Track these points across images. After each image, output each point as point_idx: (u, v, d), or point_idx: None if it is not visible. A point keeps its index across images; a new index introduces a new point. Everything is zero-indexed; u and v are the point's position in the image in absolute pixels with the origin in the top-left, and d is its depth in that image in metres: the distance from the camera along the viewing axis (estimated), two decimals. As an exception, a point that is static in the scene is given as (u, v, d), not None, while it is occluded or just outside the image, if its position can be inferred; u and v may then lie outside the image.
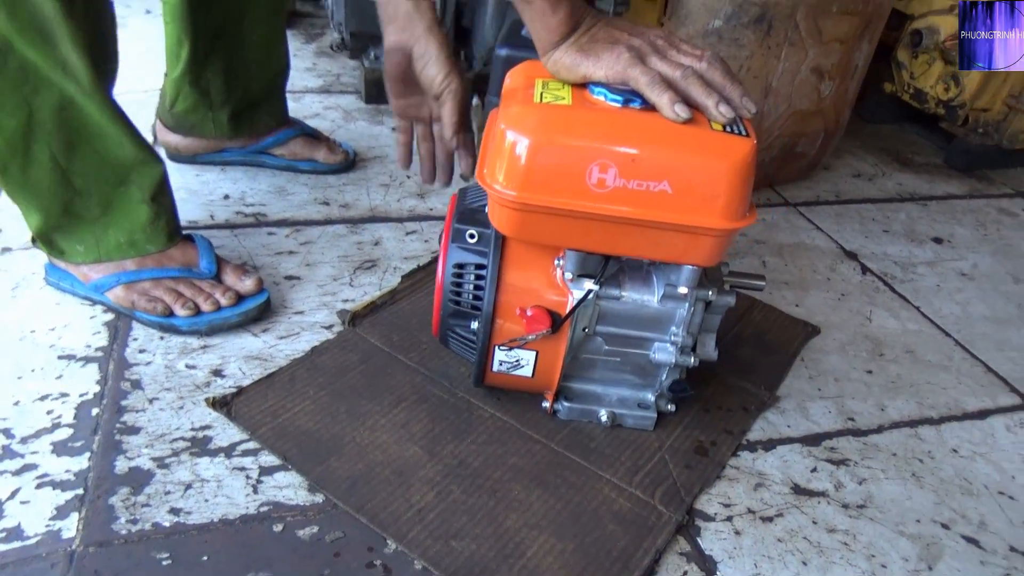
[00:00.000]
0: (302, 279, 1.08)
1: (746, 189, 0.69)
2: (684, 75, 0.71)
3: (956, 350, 1.13)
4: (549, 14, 0.73)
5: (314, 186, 1.31)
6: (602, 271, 0.79)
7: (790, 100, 1.35)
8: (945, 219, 1.51)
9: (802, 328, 1.11)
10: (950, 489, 0.89)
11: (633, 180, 0.68)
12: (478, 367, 0.84)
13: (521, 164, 0.68)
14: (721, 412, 0.94)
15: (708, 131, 0.69)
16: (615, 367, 0.88)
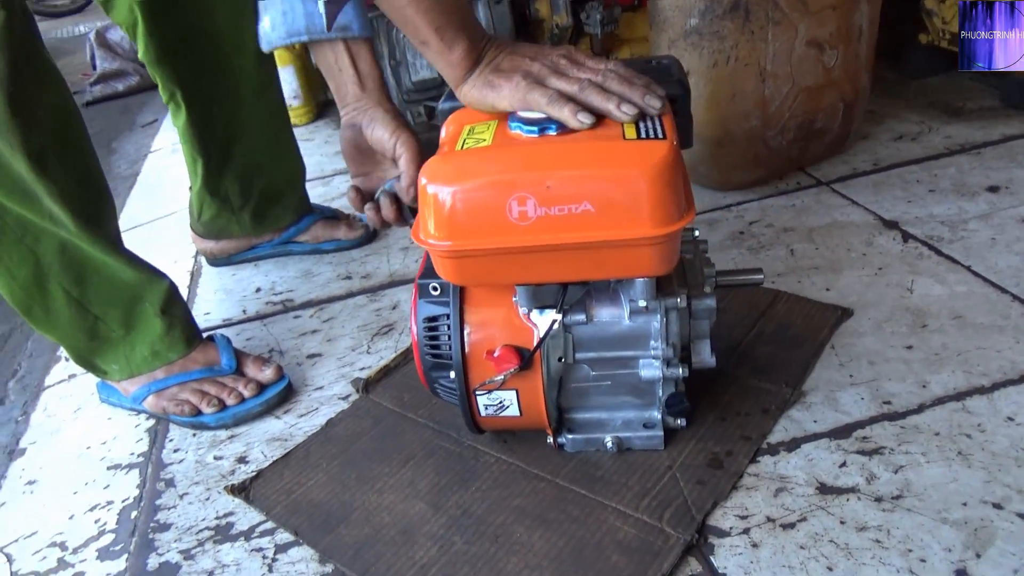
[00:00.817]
0: (323, 355, 1.13)
1: (671, 191, 0.67)
2: (582, 87, 0.71)
3: (1014, 305, 1.02)
4: (447, 53, 0.75)
5: (338, 263, 1.37)
6: (561, 299, 0.78)
7: (792, 79, 1.29)
8: (1003, 164, 1.37)
9: (832, 313, 1.04)
10: (1004, 463, 0.79)
11: (554, 207, 0.67)
12: (466, 415, 0.84)
13: (444, 213, 0.69)
14: (739, 418, 0.89)
15: (620, 143, 0.68)
16: (611, 391, 0.86)
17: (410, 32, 0.77)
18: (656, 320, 0.79)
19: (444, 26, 0.75)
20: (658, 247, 0.69)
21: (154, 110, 2.78)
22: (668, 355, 0.80)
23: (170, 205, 1.78)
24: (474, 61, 0.76)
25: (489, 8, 1.50)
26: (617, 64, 0.75)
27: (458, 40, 0.75)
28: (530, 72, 0.73)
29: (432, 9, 0.74)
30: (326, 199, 1.64)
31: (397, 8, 0.75)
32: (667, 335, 0.80)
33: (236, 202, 1.32)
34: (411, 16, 0.75)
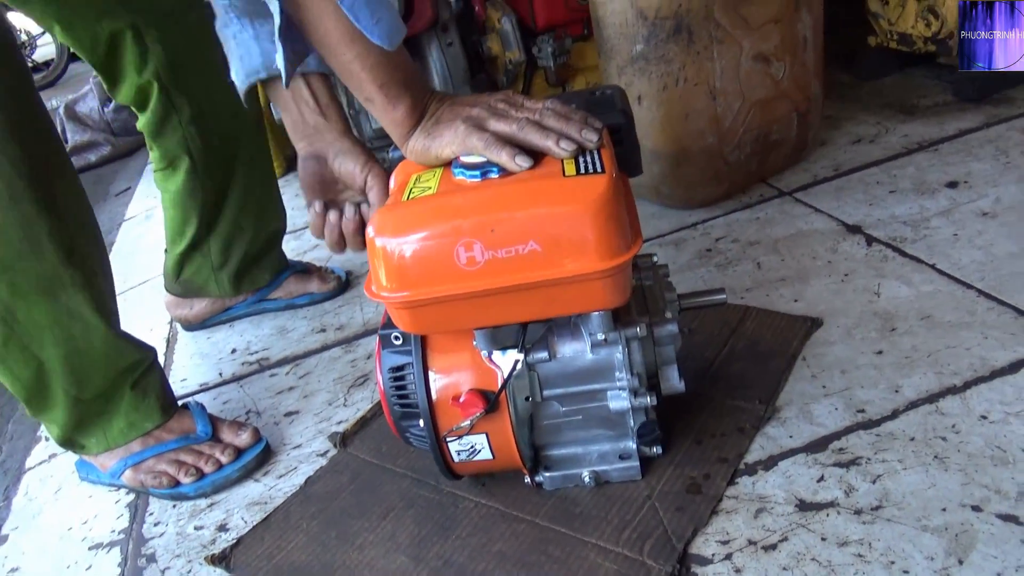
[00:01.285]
0: (300, 412, 1.12)
1: (615, 223, 0.67)
2: (520, 127, 0.72)
3: (980, 301, 1.02)
4: (391, 110, 0.77)
5: (312, 316, 1.37)
6: (522, 338, 0.78)
7: (742, 94, 1.31)
8: (960, 159, 1.39)
9: (801, 325, 1.04)
10: (980, 463, 0.79)
11: (500, 249, 0.67)
12: (439, 462, 0.84)
13: (394, 265, 0.69)
14: (715, 439, 0.89)
15: (560, 180, 0.69)
16: (583, 425, 0.85)
17: (355, 88, 0.78)
18: (618, 351, 0.79)
19: (388, 83, 0.76)
20: (608, 280, 0.69)
21: (127, 177, 2.79)
22: (634, 385, 0.80)
23: (145, 273, 1.78)
24: (417, 118, 0.78)
25: (442, 51, 1.52)
26: (554, 102, 0.76)
27: (402, 98, 0.76)
28: (470, 117, 0.74)
29: (376, 66, 0.75)
30: (298, 253, 1.64)
31: (343, 64, 0.76)
32: (631, 365, 0.80)
33: (218, 260, 1.32)
34: (356, 72, 0.76)
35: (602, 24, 1.30)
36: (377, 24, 0.72)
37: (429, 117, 0.78)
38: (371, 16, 0.72)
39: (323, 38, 0.74)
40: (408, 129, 0.77)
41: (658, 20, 1.22)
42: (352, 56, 0.74)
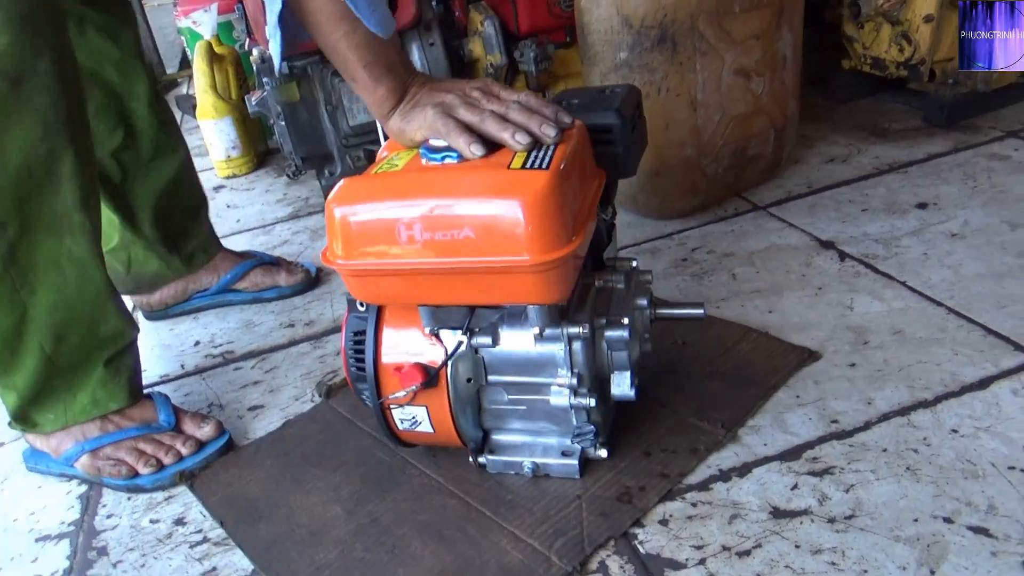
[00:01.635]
0: (265, 406, 1.09)
1: (552, 219, 0.67)
2: (483, 118, 0.74)
3: (950, 319, 1.04)
4: (373, 90, 0.80)
5: (280, 311, 1.34)
6: (467, 321, 0.79)
7: (723, 107, 1.32)
8: (929, 181, 1.42)
9: (796, 356, 1.00)
10: (951, 476, 0.80)
11: (438, 232, 0.69)
12: (382, 426, 0.85)
13: (344, 232, 0.72)
14: (664, 455, 0.87)
15: (503, 172, 0.70)
16: (528, 415, 0.85)
17: (341, 67, 0.81)
18: (560, 348, 0.79)
19: (373, 63, 0.79)
20: (541, 275, 0.69)
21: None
22: (573, 384, 0.79)
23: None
24: (398, 99, 0.80)
25: (424, 50, 1.51)
26: (528, 95, 0.77)
27: (384, 78, 0.79)
28: (442, 103, 0.76)
29: (362, 46, 0.78)
30: (268, 247, 1.60)
31: (331, 43, 0.78)
32: (571, 364, 0.79)
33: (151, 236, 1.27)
34: (343, 51, 0.78)
35: (587, 31, 1.30)
36: (374, 13, 0.77)
37: (409, 99, 0.80)
38: (369, 6, 0.76)
39: (314, 15, 0.77)
40: (389, 109, 0.80)
41: (643, 29, 1.23)
42: (341, 35, 0.77)
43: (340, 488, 0.90)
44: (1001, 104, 1.66)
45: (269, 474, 0.95)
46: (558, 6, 1.50)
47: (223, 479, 0.95)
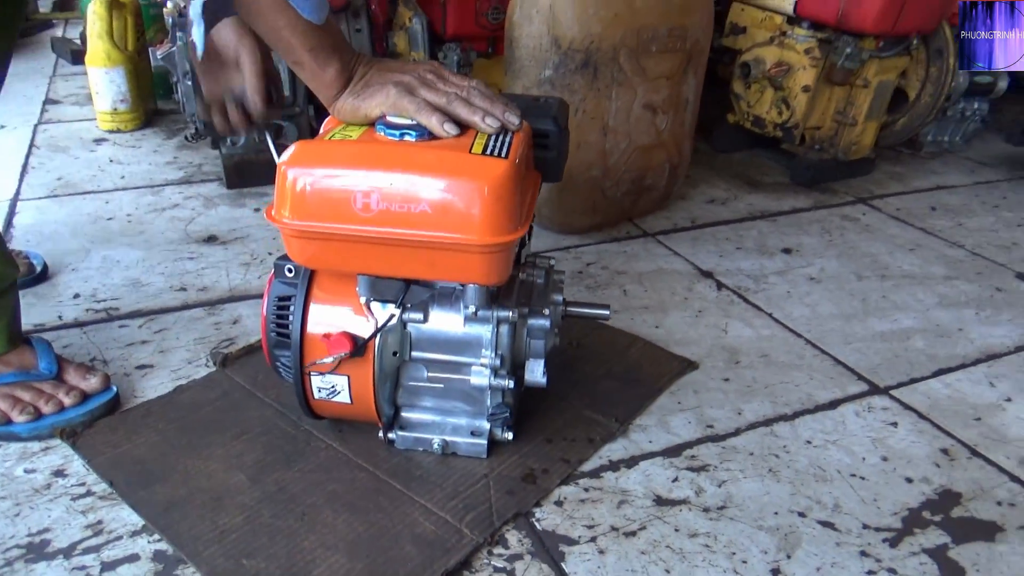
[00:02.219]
0: (155, 366, 1.06)
1: (503, 205, 0.72)
2: (449, 100, 0.78)
3: (807, 348, 1.18)
4: (321, 73, 0.79)
5: (171, 274, 1.29)
6: (402, 296, 0.82)
7: (630, 136, 1.43)
8: (793, 231, 1.60)
9: (678, 364, 1.11)
10: (805, 479, 0.92)
11: (395, 203, 0.72)
12: (299, 394, 0.86)
13: (296, 194, 0.73)
14: (565, 443, 0.94)
15: (465, 155, 0.74)
16: (443, 394, 0.89)
17: (285, 52, 0.80)
18: (488, 330, 0.84)
19: (317, 47, 0.78)
20: (487, 256, 0.73)
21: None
22: (495, 364, 0.84)
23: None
24: (346, 80, 0.81)
25: (350, 36, 1.51)
26: (479, 82, 0.82)
27: (331, 61, 0.79)
28: (401, 82, 0.79)
29: (306, 31, 0.78)
30: (156, 208, 1.54)
31: (274, 30, 0.78)
32: (496, 345, 0.84)
33: None
34: (287, 37, 0.78)
35: (516, 44, 1.36)
36: (307, 1, 0.76)
37: (358, 80, 0.81)
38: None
39: (253, 4, 0.76)
40: (337, 91, 0.81)
41: (570, 51, 1.31)
42: (284, 23, 0.77)
43: (243, 456, 0.89)
44: (853, 174, 1.89)
45: (162, 437, 0.91)
46: (485, 17, 1.56)
47: (110, 440, 0.91)
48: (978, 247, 1.58)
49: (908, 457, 0.97)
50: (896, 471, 0.94)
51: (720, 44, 1.91)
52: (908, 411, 1.05)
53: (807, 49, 1.71)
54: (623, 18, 1.31)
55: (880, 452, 0.97)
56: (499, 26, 1.55)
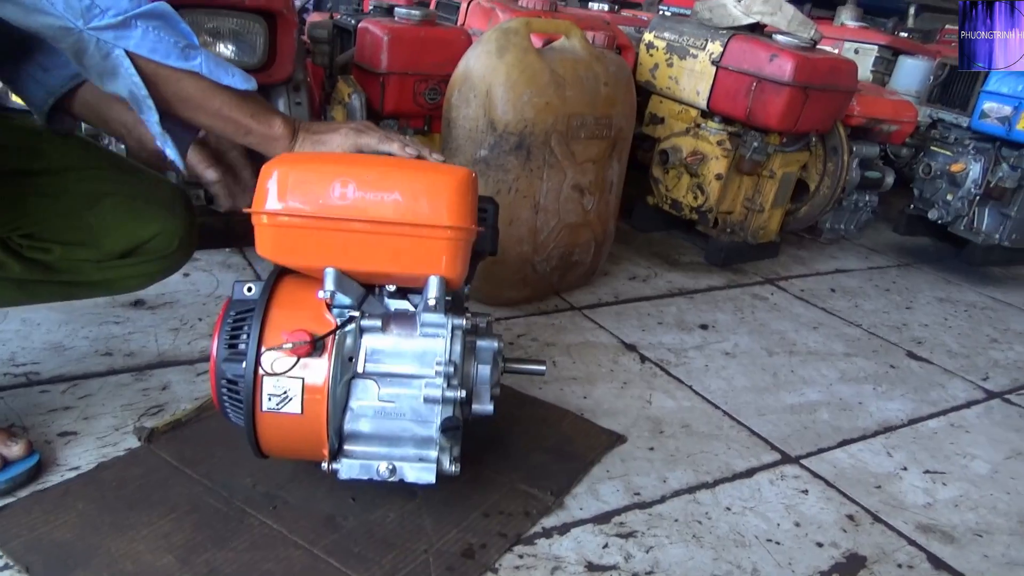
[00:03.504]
0: (79, 434, 1.03)
1: (468, 198, 0.82)
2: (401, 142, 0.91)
3: (724, 419, 1.26)
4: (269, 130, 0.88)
5: (96, 338, 1.26)
6: (362, 300, 0.86)
7: (559, 215, 1.51)
8: (709, 308, 1.70)
9: (608, 437, 1.15)
10: (726, 544, 0.97)
11: (370, 192, 0.80)
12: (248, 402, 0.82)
13: (277, 185, 0.80)
14: (502, 517, 0.96)
15: (433, 163, 0.86)
16: (392, 415, 0.88)
17: (231, 130, 0.89)
18: (444, 336, 0.87)
19: (257, 111, 0.88)
20: (451, 243, 0.81)
21: None
22: (449, 372, 0.86)
23: None
24: (293, 131, 0.90)
25: (290, 108, 1.55)
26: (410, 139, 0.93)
27: (275, 117, 0.89)
28: (352, 127, 0.91)
29: (243, 102, 0.86)
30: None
31: (214, 112, 0.86)
32: (450, 353, 0.87)
33: None
34: (227, 113, 0.86)
35: (453, 124, 1.43)
36: (234, 77, 0.85)
37: (306, 131, 0.91)
38: (227, 72, 0.84)
39: (188, 100, 0.84)
40: (288, 141, 0.89)
41: (505, 134, 1.39)
42: (220, 102, 0.85)
43: (171, 536, 0.86)
44: (762, 256, 2.03)
45: (83, 518, 0.87)
46: (423, 96, 1.62)
47: (25, 521, 0.85)
48: (873, 327, 1.72)
49: (818, 523, 1.03)
50: (808, 536, 1.00)
51: (641, 132, 2.04)
52: (817, 479, 1.13)
53: (719, 141, 1.85)
54: (554, 106, 1.40)
55: (793, 518, 1.03)
56: (436, 106, 1.62)
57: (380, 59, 1.58)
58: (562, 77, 1.42)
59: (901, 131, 2.16)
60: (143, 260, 1.02)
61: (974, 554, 1.02)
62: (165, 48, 0.80)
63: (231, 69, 0.85)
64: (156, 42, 0.79)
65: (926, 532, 1.05)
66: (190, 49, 0.81)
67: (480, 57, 1.39)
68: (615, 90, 1.51)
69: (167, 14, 0.81)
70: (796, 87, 1.70)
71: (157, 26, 0.79)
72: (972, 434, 1.32)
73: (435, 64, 1.58)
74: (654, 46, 1.97)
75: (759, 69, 1.74)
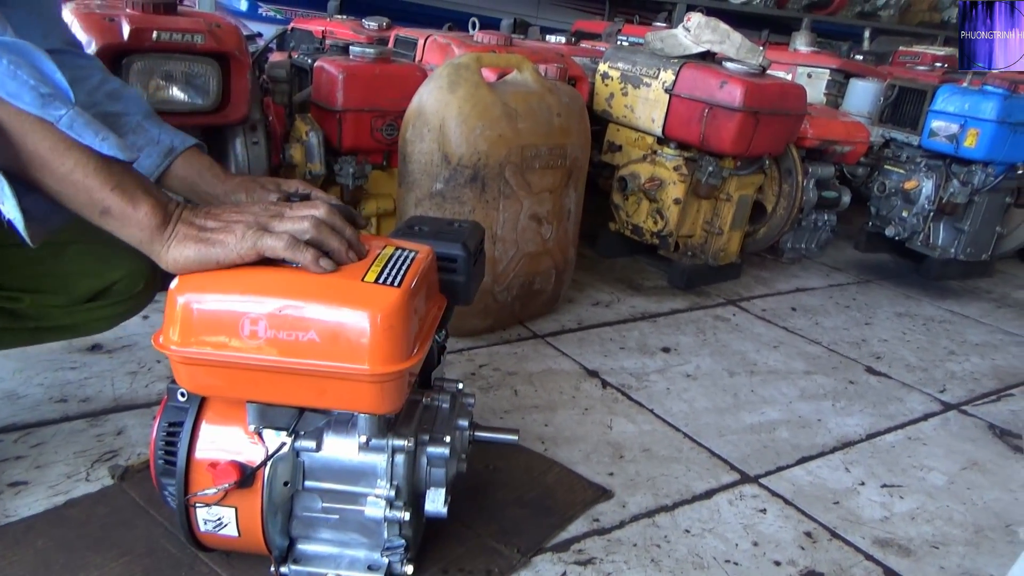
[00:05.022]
0: (30, 483, 1.01)
1: (397, 334, 0.72)
2: (315, 226, 0.74)
3: (685, 442, 1.26)
4: (131, 211, 0.71)
5: (50, 385, 1.25)
6: (295, 423, 0.80)
7: (517, 245, 1.52)
8: (671, 331, 1.71)
9: (592, 492, 1.11)
10: (684, 567, 0.97)
11: (283, 331, 0.71)
12: (183, 526, 0.82)
13: (184, 320, 0.72)
14: (460, 574, 0.93)
15: (356, 284, 0.74)
16: (339, 526, 0.87)
17: (83, 202, 0.70)
18: (383, 459, 0.83)
19: (121, 184, 0.71)
20: (377, 385, 0.73)
21: None
22: (391, 496, 0.82)
23: None
24: (165, 218, 0.73)
25: (246, 148, 1.56)
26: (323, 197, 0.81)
27: (142, 196, 0.72)
28: (249, 221, 0.74)
29: (101, 169, 0.70)
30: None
31: (62, 176, 0.69)
32: (391, 475, 0.83)
33: None
34: (79, 180, 0.69)
35: (408, 159, 1.45)
36: (104, 141, 0.70)
37: (184, 223, 0.74)
38: (96, 134, 0.70)
39: (33, 157, 0.67)
40: (156, 231, 0.72)
41: (459, 167, 1.40)
42: (72, 165, 0.68)
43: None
44: (724, 278, 2.06)
45: (38, 557, 0.87)
46: (380, 132, 1.64)
47: None
48: (833, 344, 1.75)
49: (776, 541, 1.04)
50: (766, 555, 1.01)
51: (600, 160, 2.07)
52: (775, 498, 1.14)
53: (676, 166, 1.88)
54: (507, 138, 1.42)
55: (751, 538, 1.04)
56: (393, 140, 1.63)
57: (336, 97, 1.59)
58: (514, 109, 1.44)
59: (855, 151, 2.21)
60: (111, 302, 1.01)
61: (930, 566, 1.03)
62: (18, 87, 0.66)
63: (104, 133, 0.70)
64: (8, 78, 0.66)
65: (883, 546, 1.06)
66: (54, 99, 0.68)
67: (432, 92, 1.41)
68: (568, 120, 1.54)
69: (32, 55, 0.69)
70: (747, 112, 1.74)
71: (15, 62, 0.67)
72: (929, 446, 1.34)
73: (391, 100, 1.60)
74: (609, 76, 2.01)
75: (711, 96, 1.78)
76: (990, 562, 1.05)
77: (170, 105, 1.41)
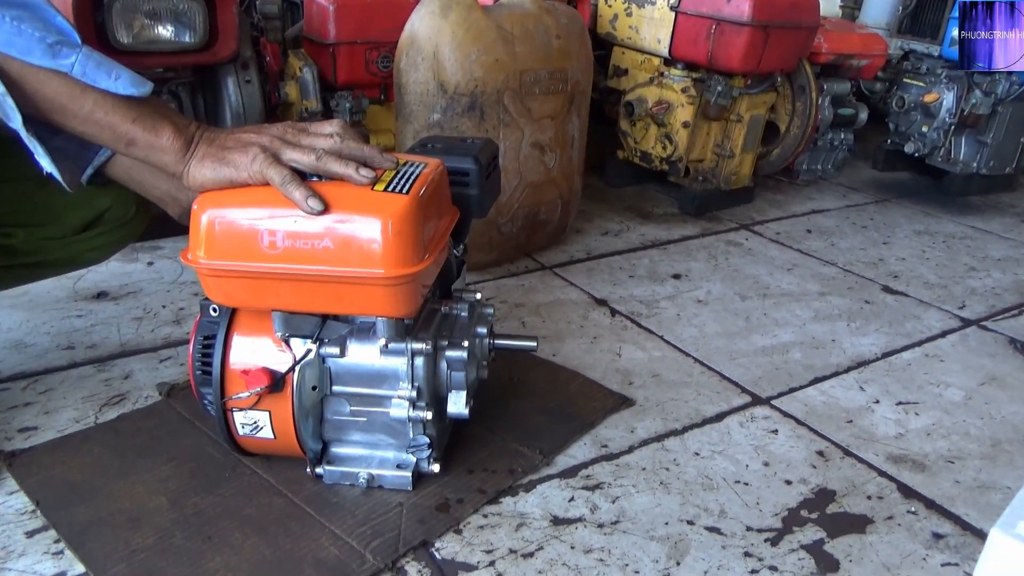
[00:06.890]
0: (39, 428, 1.02)
1: (408, 239, 0.75)
2: (319, 157, 0.75)
3: (695, 367, 1.25)
4: (155, 138, 0.75)
5: (57, 333, 1.25)
6: (319, 331, 0.84)
7: (520, 174, 1.48)
8: (682, 257, 1.68)
9: (614, 400, 1.12)
10: (693, 489, 0.96)
11: (299, 240, 0.75)
12: (222, 430, 0.87)
13: (208, 235, 0.76)
14: (485, 473, 0.96)
15: (368, 192, 0.76)
16: (368, 428, 0.90)
17: (109, 138, 0.75)
18: (403, 362, 0.86)
19: (141, 116, 0.75)
20: (391, 288, 0.76)
21: None
22: (412, 396, 0.86)
23: None
24: (185, 141, 0.76)
25: (239, 87, 1.52)
26: (341, 124, 0.79)
27: (162, 123, 0.75)
28: (263, 145, 0.76)
29: (120, 105, 0.74)
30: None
31: (85, 116, 0.73)
32: (412, 377, 0.87)
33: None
34: (102, 119, 0.73)
35: (404, 91, 1.40)
36: (117, 80, 0.73)
37: (206, 143, 0.77)
38: (108, 75, 0.73)
39: (53, 103, 0.72)
40: (181, 153, 0.76)
41: (456, 95, 1.36)
42: (91, 106, 0.73)
43: (168, 480, 0.91)
44: (736, 202, 2.01)
45: (95, 462, 0.93)
46: (375, 64, 1.59)
47: (45, 462, 0.93)
48: (849, 264, 1.71)
49: (787, 461, 1.03)
50: (776, 475, 1.00)
51: (605, 85, 2.01)
52: (787, 418, 1.12)
53: (684, 88, 1.82)
54: (504, 63, 1.37)
55: (762, 458, 1.03)
56: (390, 73, 1.58)
57: (328, 29, 1.55)
58: (510, 33, 1.39)
59: (871, 65, 2.13)
60: (104, 230, 1.02)
61: (945, 480, 1.02)
62: (25, 43, 0.70)
63: (116, 71, 0.73)
64: (14, 35, 0.70)
65: (897, 463, 1.04)
66: (61, 46, 0.71)
67: (424, 19, 1.36)
68: (568, 42, 1.48)
69: (33, 4, 0.72)
70: (756, 27, 1.67)
71: (18, 16, 0.70)
72: (947, 363, 1.32)
73: (385, 31, 1.55)
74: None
75: (718, 11, 1.70)
76: (1007, 474, 1.03)
77: (156, 44, 1.37)
